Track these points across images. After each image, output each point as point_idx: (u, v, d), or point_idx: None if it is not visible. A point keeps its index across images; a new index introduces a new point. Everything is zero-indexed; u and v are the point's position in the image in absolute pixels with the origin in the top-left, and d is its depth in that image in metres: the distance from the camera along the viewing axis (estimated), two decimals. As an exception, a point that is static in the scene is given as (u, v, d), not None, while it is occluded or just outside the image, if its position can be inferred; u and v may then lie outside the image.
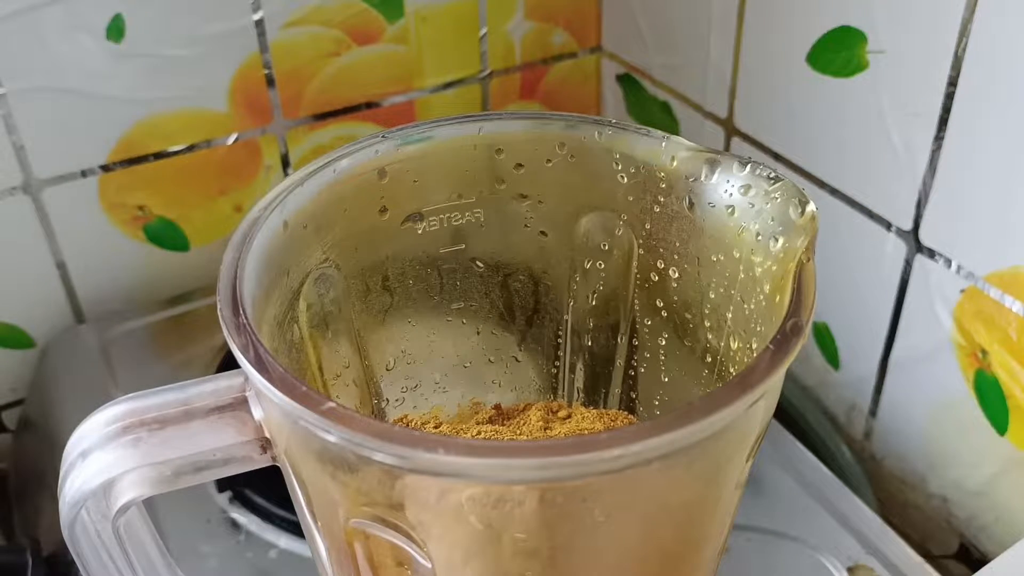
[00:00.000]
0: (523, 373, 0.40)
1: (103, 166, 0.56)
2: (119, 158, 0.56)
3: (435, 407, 0.40)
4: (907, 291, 0.48)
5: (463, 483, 0.25)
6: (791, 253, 0.28)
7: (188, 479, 0.28)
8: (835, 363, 0.55)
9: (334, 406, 0.24)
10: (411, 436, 0.23)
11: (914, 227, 0.46)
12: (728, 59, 0.54)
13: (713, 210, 0.32)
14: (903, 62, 0.44)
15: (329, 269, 0.34)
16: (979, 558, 0.50)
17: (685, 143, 0.32)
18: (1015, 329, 0.43)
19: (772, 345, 0.25)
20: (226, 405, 0.28)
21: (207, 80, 0.56)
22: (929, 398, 0.49)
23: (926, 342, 0.48)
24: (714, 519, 0.30)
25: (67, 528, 0.29)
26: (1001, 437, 0.46)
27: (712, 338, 0.34)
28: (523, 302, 0.39)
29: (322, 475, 0.27)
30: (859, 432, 0.55)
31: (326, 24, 0.58)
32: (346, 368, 0.36)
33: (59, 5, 0.50)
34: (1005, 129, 0.41)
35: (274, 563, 0.47)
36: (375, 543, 0.28)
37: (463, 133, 0.35)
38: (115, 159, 0.56)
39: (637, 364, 0.38)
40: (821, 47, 0.48)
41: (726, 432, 0.25)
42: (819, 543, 0.46)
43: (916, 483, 0.52)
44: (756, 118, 0.54)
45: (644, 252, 0.35)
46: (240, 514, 0.49)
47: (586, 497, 0.26)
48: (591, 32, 0.66)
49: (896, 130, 0.45)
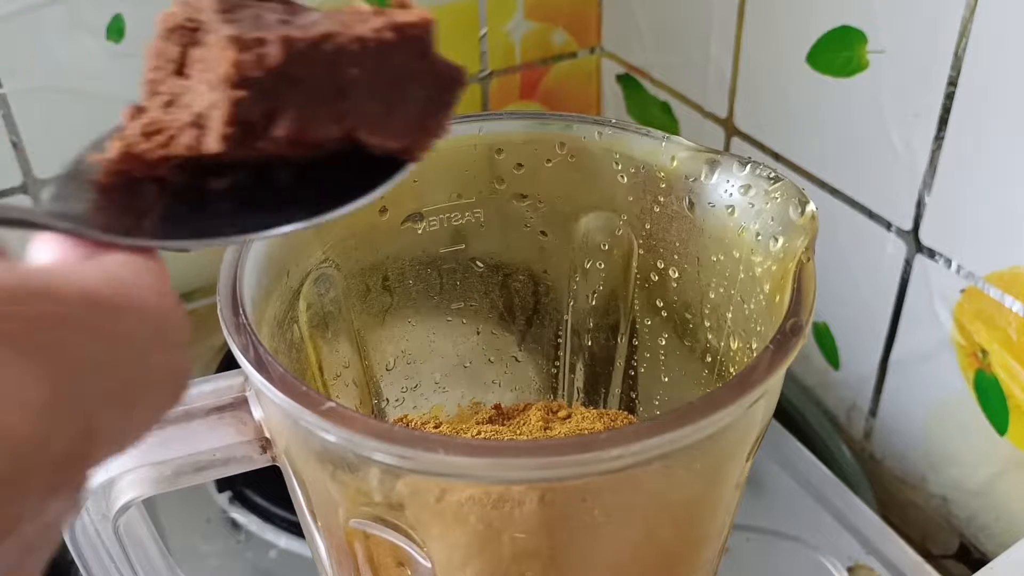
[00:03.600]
0: (523, 373, 0.40)
1: (103, 166, 0.56)
2: (119, 158, 0.56)
3: (435, 407, 0.40)
4: (907, 291, 0.48)
5: (463, 483, 0.25)
6: (791, 253, 0.28)
7: (188, 479, 0.28)
8: (835, 363, 0.55)
9: (334, 406, 0.24)
10: (411, 436, 0.23)
11: (914, 227, 0.46)
12: (728, 59, 0.54)
13: (713, 210, 0.32)
14: (903, 62, 0.44)
15: (329, 269, 0.34)
16: (979, 558, 0.50)
17: (685, 143, 0.32)
18: (1015, 329, 0.43)
19: (772, 345, 0.25)
20: (226, 405, 0.28)
21: (207, 80, 0.56)
22: (929, 398, 0.49)
23: (926, 342, 0.48)
24: (714, 519, 0.30)
25: (67, 528, 0.29)
26: (1001, 437, 0.46)
27: (712, 338, 0.34)
28: (523, 302, 0.39)
29: (322, 475, 0.27)
30: (859, 432, 0.55)
31: (326, 24, 0.58)
32: (346, 368, 0.36)
33: (59, 5, 0.50)
34: (1005, 129, 0.41)
35: (274, 563, 0.47)
36: (375, 543, 0.28)
37: (463, 133, 0.35)
38: (115, 159, 0.56)
39: (637, 364, 0.38)
40: (821, 47, 0.48)
41: (726, 432, 0.25)
42: (819, 543, 0.46)
43: (916, 483, 0.52)
44: (756, 118, 0.54)
45: (644, 252, 0.35)
46: (240, 514, 0.49)
47: (586, 497, 0.26)
48: (591, 32, 0.66)
49: (896, 130, 0.45)
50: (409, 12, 0.20)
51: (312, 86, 0.19)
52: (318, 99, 0.19)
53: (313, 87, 0.19)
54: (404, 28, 0.20)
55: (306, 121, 0.19)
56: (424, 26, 0.20)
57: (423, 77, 0.20)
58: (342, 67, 0.19)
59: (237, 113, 0.18)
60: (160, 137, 0.20)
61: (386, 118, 0.20)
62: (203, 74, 0.20)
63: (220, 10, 0.20)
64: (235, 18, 0.19)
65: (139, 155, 0.20)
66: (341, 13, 0.20)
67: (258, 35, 0.18)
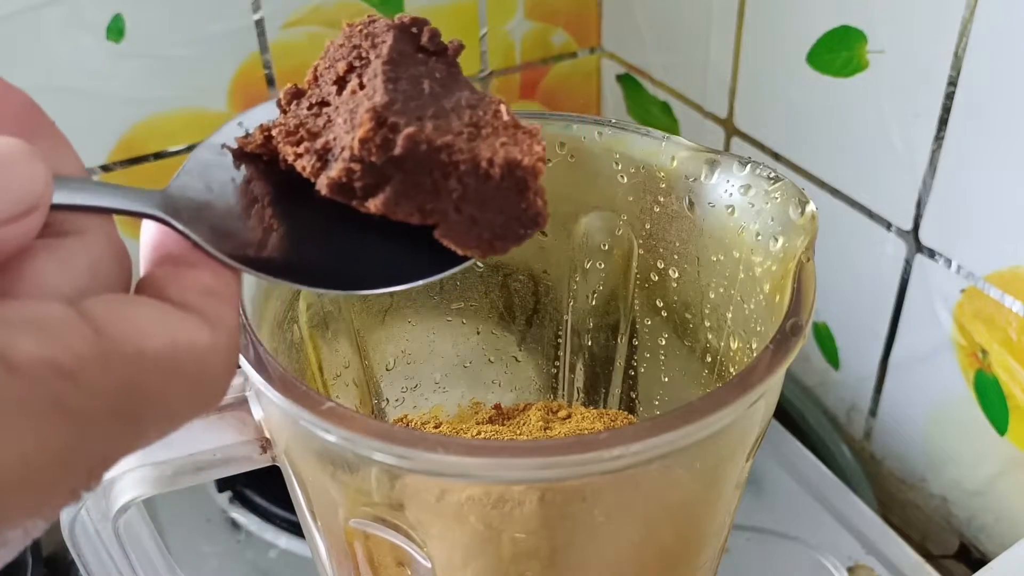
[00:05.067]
0: (523, 373, 0.40)
1: (103, 166, 0.56)
2: (119, 158, 0.56)
3: (435, 407, 0.40)
4: (907, 291, 0.48)
5: (463, 483, 0.25)
6: (791, 253, 0.28)
7: (188, 479, 0.28)
8: (835, 363, 0.55)
9: (334, 406, 0.24)
10: (411, 436, 0.23)
11: (914, 227, 0.46)
12: (728, 59, 0.54)
13: (713, 210, 0.32)
14: (903, 62, 0.44)
15: (329, 269, 0.34)
16: (979, 558, 0.50)
17: (685, 143, 0.32)
18: (1015, 329, 0.43)
19: (772, 345, 0.25)
20: (226, 405, 0.28)
21: (207, 80, 0.56)
22: (929, 398, 0.49)
23: (926, 342, 0.48)
24: (714, 519, 0.30)
25: (67, 528, 0.29)
26: (1001, 437, 0.46)
27: (712, 338, 0.34)
28: (523, 302, 0.39)
29: (322, 475, 0.27)
30: (859, 432, 0.55)
31: (326, 24, 0.58)
32: (346, 368, 0.36)
33: (59, 5, 0.50)
34: (1005, 129, 0.41)
35: (274, 563, 0.47)
36: (375, 543, 0.28)
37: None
38: (115, 159, 0.56)
39: (637, 364, 0.38)
40: (821, 47, 0.48)
41: (726, 432, 0.25)
42: (819, 543, 0.46)
43: (916, 483, 0.52)
44: (756, 118, 0.54)
45: (644, 252, 0.35)
46: (240, 514, 0.49)
47: (586, 497, 0.26)
48: (591, 32, 0.66)
49: (896, 130, 0.45)
50: (530, 147, 0.22)
51: (414, 181, 0.21)
52: (413, 191, 0.22)
53: (414, 182, 0.21)
54: (515, 168, 0.22)
55: (395, 204, 0.21)
56: (533, 171, 0.22)
57: (511, 209, 0.23)
58: (447, 177, 0.22)
59: (345, 176, 0.21)
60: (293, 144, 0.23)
61: (463, 227, 0.22)
62: (347, 108, 0.23)
63: (389, 61, 0.23)
64: (396, 77, 0.22)
65: (274, 148, 0.23)
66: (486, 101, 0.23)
67: (395, 119, 0.21)
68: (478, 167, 0.22)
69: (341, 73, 0.24)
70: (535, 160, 0.22)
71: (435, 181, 0.22)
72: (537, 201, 0.23)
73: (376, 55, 0.23)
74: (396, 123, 0.21)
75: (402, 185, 0.21)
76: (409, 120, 0.21)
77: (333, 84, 0.24)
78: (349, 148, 0.21)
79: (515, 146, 0.22)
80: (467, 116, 0.23)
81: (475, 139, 0.22)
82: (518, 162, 0.22)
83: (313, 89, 0.24)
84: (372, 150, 0.21)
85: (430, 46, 0.24)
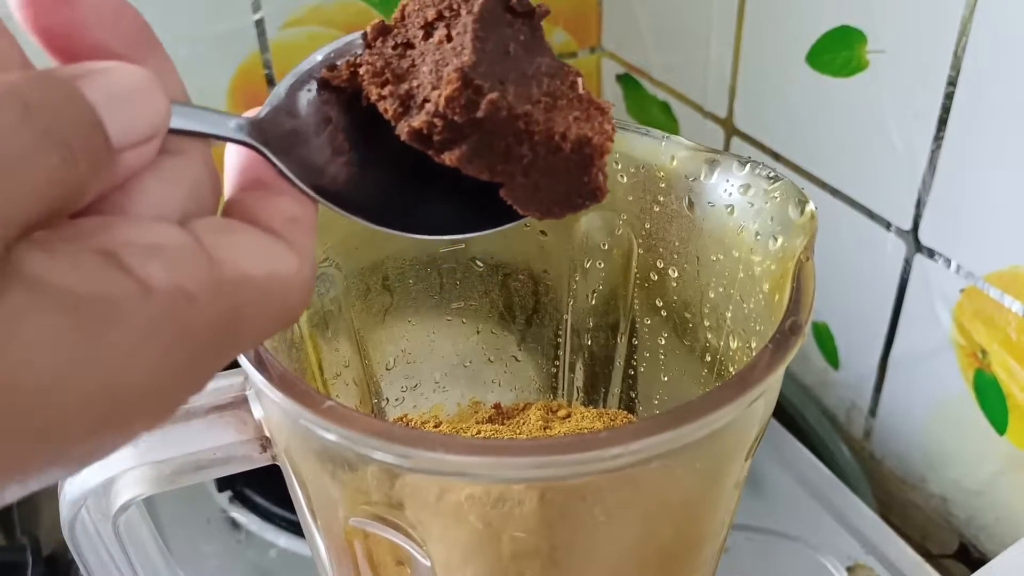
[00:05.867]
0: (523, 372, 0.40)
1: (103, 166, 0.56)
2: (119, 158, 0.56)
3: (435, 406, 0.40)
4: (907, 291, 0.48)
5: (463, 482, 0.25)
6: (790, 252, 0.28)
7: (188, 478, 0.28)
8: (835, 363, 0.55)
9: (333, 405, 0.24)
10: (411, 435, 0.23)
11: (914, 227, 0.46)
12: (728, 59, 0.54)
13: (713, 209, 0.32)
14: (903, 62, 0.44)
15: (329, 269, 0.34)
16: (979, 558, 0.50)
17: (685, 143, 0.32)
18: (1015, 329, 0.43)
19: (771, 344, 0.25)
20: (226, 404, 0.28)
21: (207, 80, 0.56)
22: (929, 398, 0.49)
23: (926, 342, 0.48)
24: (713, 518, 0.30)
25: (67, 527, 0.29)
26: (1001, 437, 0.46)
27: (711, 337, 0.34)
28: (523, 301, 0.39)
29: (322, 474, 0.27)
30: (859, 432, 0.55)
31: (326, 24, 0.58)
32: (346, 367, 0.36)
33: (59, 5, 0.50)
34: (1004, 129, 0.41)
35: (274, 563, 0.47)
36: (374, 542, 0.28)
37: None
38: (115, 159, 0.56)
39: (637, 363, 0.38)
40: (821, 47, 0.48)
41: (725, 431, 0.25)
42: (819, 543, 0.46)
43: (916, 483, 0.52)
44: (756, 118, 0.54)
45: (644, 252, 0.35)
46: (240, 514, 0.49)
47: (586, 496, 0.26)
48: (591, 32, 0.66)
49: (896, 130, 0.45)
50: (601, 125, 0.24)
51: (489, 142, 0.22)
52: (487, 151, 0.23)
53: (490, 143, 0.22)
54: (584, 145, 0.23)
55: (469, 161, 0.22)
56: (601, 149, 0.23)
57: (574, 181, 0.24)
58: (520, 144, 0.23)
59: (427, 128, 0.22)
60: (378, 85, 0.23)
61: (527, 191, 0.23)
62: (433, 59, 0.23)
63: (479, 19, 0.23)
64: (484, 36, 0.23)
65: (358, 84, 0.24)
66: (564, 71, 0.24)
67: (480, 82, 0.22)
68: (551, 139, 0.23)
69: (430, 19, 0.24)
70: (604, 140, 0.23)
71: (509, 145, 0.23)
72: (599, 176, 0.24)
73: (467, 10, 0.24)
74: (481, 86, 0.22)
75: (478, 144, 0.22)
76: (493, 84, 0.22)
77: (420, 28, 0.24)
78: (435, 103, 0.22)
79: (587, 122, 0.23)
80: (545, 84, 0.24)
81: (551, 109, 0.23)
82: (588, 139, 0.23)
83: (399, 28, 0.25)
84: (456, 109, 0.22)
85: (518, 7, 0.24)
